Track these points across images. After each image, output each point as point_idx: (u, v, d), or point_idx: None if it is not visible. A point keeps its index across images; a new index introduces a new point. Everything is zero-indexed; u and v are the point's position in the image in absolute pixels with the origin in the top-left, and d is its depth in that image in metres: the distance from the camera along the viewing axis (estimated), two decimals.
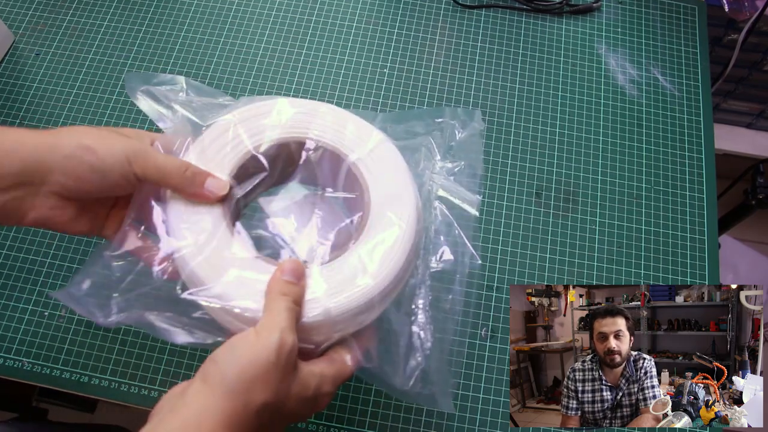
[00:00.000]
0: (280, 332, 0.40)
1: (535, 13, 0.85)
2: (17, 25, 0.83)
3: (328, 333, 0.45)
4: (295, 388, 0.42)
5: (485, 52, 0.82)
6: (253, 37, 0.82)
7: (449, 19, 0.84)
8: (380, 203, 0.49)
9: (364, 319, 0.46)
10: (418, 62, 0.81)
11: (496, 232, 0.70)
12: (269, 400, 0.40)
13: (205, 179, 0.47)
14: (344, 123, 0.52)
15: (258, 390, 0.39)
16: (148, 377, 0.62)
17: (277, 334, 0.40)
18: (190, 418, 0.38)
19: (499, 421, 0.61)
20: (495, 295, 0.67)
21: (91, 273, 0.48)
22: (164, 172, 0.46)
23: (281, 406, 0.41)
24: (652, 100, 0.79)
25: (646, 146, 0.76)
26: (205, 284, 0.44)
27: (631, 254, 0.70)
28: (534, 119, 0.77)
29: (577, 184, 0.73)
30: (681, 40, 0.83)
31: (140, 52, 0.81)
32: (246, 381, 0.39)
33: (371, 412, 0.61)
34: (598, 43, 0.83)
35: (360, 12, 0.84)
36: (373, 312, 0.47)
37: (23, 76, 0.79)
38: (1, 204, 0.45)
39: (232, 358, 0.40)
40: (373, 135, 0.52)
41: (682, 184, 0.74)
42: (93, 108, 0.77)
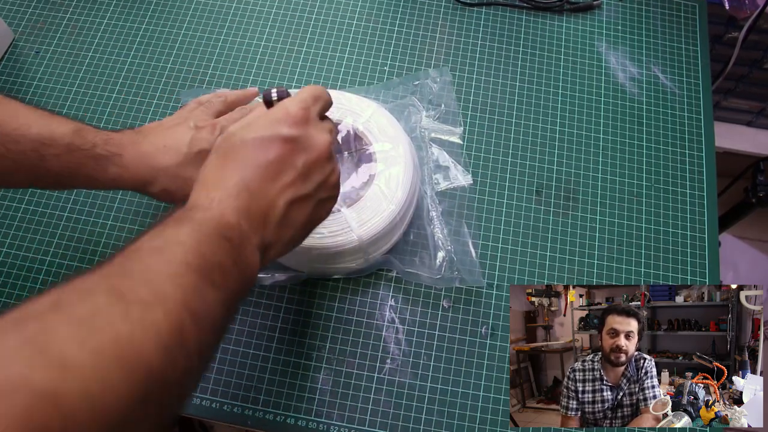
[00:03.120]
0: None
1: (536, 11, 0.85)
2: (17, 23, 0.83)
3: (368, 254, 0.63)
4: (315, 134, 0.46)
5: (485, 50, 0.81)
6: (253, 34, 0.82)
7: (449, 17, 0.84)
8: (383, 150, 0.65)
9: (392, 237, 0.65)
10: (418, 59, 0.80)
11: (496, 230, 0.70)
12: (293, 134, 0.44)
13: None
14: (347, 101, 0.67)
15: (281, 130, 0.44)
16: None
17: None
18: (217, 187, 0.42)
19: (499, 419, 0.61)
20: (495, 293, 0.67)
21: None
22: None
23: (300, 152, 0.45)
24: (653, 98, 0.79)
25: (646, 144, 0.76)
26: None
27: (631, 252, 0.70)
28: (534, 117, 0.77)
29: (578, 182, 0.73)
30: (681, 38, 0.83)
31: (140, 50, 0.81)
32: (269, 123, 0.45)
33: (382, 412, 0.62)
34: (599, 41, 0.83)
35: (360, 10, 0.84)
36: (397, 230, 0.65)
37: (23, 75, 0.79)
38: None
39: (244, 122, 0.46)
40: (369, 105, 0.68)
41: (683, 182, 0.74)
42: (93, 106, 0.77)
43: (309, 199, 0.46)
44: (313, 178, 0.45)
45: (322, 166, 0.46)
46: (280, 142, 0.44)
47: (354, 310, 0.66)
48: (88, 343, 0.28)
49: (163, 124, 0.60)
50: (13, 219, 0.70)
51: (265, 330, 0.65)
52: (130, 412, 0.28)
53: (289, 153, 0.44)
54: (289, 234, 0.45)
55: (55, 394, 0.25)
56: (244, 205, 0.41)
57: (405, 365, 0.63)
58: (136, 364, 0.29)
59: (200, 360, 0.35)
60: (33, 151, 0.52)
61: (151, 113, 0.76)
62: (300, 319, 0.65)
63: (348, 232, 0.60)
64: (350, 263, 0.64)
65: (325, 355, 0.64)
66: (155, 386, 0.30)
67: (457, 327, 0.65)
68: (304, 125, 0.45)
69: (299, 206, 0.45)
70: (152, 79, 0.79)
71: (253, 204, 0.42)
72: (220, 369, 0.63)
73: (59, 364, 0.26)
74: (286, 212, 0.44)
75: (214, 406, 0.62)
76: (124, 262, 0.34)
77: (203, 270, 0.36)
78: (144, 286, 0.32)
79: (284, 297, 0.66)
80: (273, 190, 0.43)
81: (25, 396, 0.24)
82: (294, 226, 0.45)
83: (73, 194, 0.72)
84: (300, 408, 0.62)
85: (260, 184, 0.43)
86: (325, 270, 0.65)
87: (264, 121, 0.45)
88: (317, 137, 0.46)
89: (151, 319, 0.31)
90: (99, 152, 0.54)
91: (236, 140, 0.44)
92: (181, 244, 0.36)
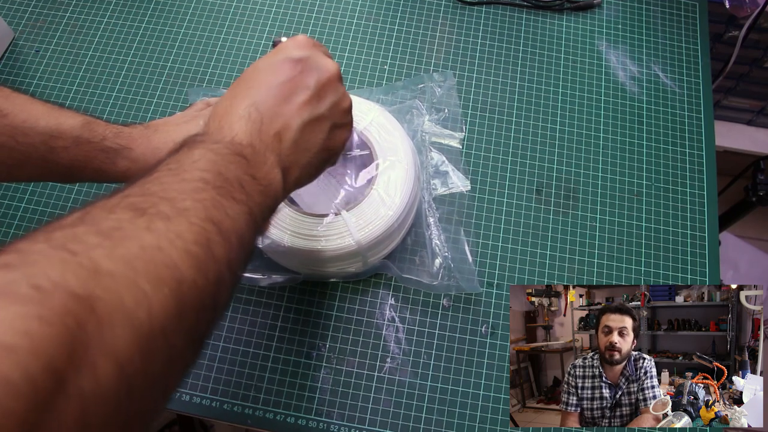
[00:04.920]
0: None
1: (536, 9, 0.85)
2: (17, 22, 0.83)
3: (366, 259, 0.63)
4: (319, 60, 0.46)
5: (486, 49, 0.81)
6: (253, 32, 0.82)
7: (450, 16, 0.84)
8: (384, 154, 0.65)
9: (390, 242, 0.65)
10: (418, 59, 0.80)
11: (497, 229, 0.70)
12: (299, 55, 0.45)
13: None
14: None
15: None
16: None
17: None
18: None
19: (499, 418, 0.61)
20: (495, 292, 0.67)
21: None
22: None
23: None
24: (653, 97, 0.79)
25: (646, 143, 0.76)
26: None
27: (631, 251, 0.70)
28: (534, 116, 0.77)
29: (578, 181, 0.73)
30: (682, 37, 0.83)
31: (141, 49, 0.81)
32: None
33: (382, 411, 0.62)
34: (599, 40, 0.83)
35: (360, 8, 0.84)
36: (396, 236, 0.65)
37: (23, 73, 0.79)
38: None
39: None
40: (372, 107, 0.68)
41: (683, 181, 0.74)
42: (92, 105, 0.77)
43: (323, 121, 0.46)
44: (327, 99, 0.45)
45: (336, 86, 0.46)
46: (291, 63, 0.44)
47: (354, 309, 0.66)
48: (116, 252, 0.27)
49: (172, 120, 0.60)
50: (13, 218, 0.70)
51: (265, 329, 0.65)
52: (166, 323, 0.28)
53: (301, 73, 0.44)
54: (306, 158, 0.45)
55: (90, 298, 0.25)
56: (255, 127, 0.41)
57: (405, 364, 0.63)
58: (166, 273, 0.29)
59: (230, 272, 0.34)
60: (42, 143, 0.52)
61: (152, 112, 0.76)
62: (300, 318, 0.65)
63: (347, 236, 0.60)
64: (348, 267, 0.64)
65: (325, 354, 0.64)
66: (188, 297, 0.30)
67: (457, 326, 0.65)
68: (310, 49, 0.46)
69: (314, 127, 0.45)
70: (152, 78, 0.79)
71: (266, 124, 0.42)
72: (220, 368, 0.63)
73: (92, 269, 0.26)
74: (301, 133, 0.44)
75: (214, 405, 0.62)
76: (143, 184, 0.34)
77: (221, 186, 0.36)
78: (165, 203, 0.32)
79: (284, 296, 0.66)
80: (286, 110, 0.43)
81: (62, 296, 0.24)
82: (310, 149, 0.45)
83: (73, 191, 0.72)
84: (300, 407, 0.62)
85: (273, 105, 0.43)
86: (322, 273, 0.65)
87: (273, 52, 0.46)
88: (326, 60, 0.46)
89: (175, 230, 0.31)
90: (109, 145, 0.55)
91: (247, 71, 0.45)
92: (196, 163, 0.36)
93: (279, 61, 0.44)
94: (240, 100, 0.43)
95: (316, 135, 0.45)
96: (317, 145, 0.46)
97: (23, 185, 0.72)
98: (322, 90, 0.45)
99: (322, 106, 0.45)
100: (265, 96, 0.43)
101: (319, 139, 0.46)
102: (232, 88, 0.45)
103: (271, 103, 0.43)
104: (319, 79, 0.45)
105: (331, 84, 0.46)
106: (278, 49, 0.46)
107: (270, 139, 0.42)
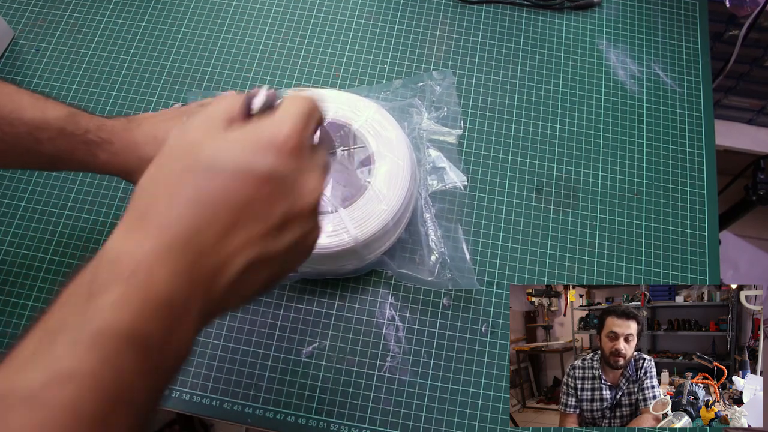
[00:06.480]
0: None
1: (536, 8, 0.85)
2: (17, 21, 0.83)
3: (363, 256, 0.63)
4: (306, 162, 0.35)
5: (485, 48, 0.81)
6: (253, 32, 0.82)
7: (449, 15, 0.84)
8: (381, 151, 0.65)
9: (387, 239, 0.65)
10: (418, 57, 0.80)
11: (497, 229, 0.70)
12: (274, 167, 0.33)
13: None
14: (347, 101, 0.67)
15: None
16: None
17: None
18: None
19: (499, 417, 0.61)
20: (495, 291, 0.67)
21: None
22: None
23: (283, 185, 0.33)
24: (653, 96, 0.79)
25: (646, 142, 0.76)
26: None
27: (631, 250, 0.70)
28: (534, 115, 0.77)
29: (578, 180, 0.73)
30: (682, 36, 0.83)
31: (140, 48, 0.81)
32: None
33: (382, 410, 0.62)
34: (599, 39, 0.83)
35: (360, 7, 0.84)
36: (393, 232, 0.65)
37: (23, 72, 0.79)
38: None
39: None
40: (369, 105, 0.68)
41: (683, 180, 0.74)
42: (92, 104, 0.77)
43: (275, 261, 0.34)
44: (288, 235, 0.34)
45: (305, 221, 0.35)
46: (260, 178, 0.32)
47: (354, 308, 0.66)
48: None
49: (158, 115, 0.60)
50: (13, 216, 0.70)
51: (265, 328, 0.65)
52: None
53: (267, 197, 0.32)
54: (239, 301, 0.34)
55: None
56: (185, 266, 0.30)
57: (405, 363, 0.63)
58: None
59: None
60: (28, 134, 0.52)
61: (152, 111, 0.76)
62: (300, 317, 0.65)
63: (344, 233, 0.60)
64: (345, 264, 0.64)
65: (326, 353, 0.64)
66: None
67: (457, 325, 0.65)
68: (296, 159, 0.33)
69: (261, 268, 0.34)
70: (152, 77, 0.79)
71: (201, 261, 0.30)
72: (220, 367, 0.63)
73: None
74: (241, 275, 0.32)
75: (214, 404, 0.62)
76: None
77: (103, 413, 0.26)
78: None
79: (284, 294, 0.66)
80: (232, 243, 0.31)
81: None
82: (246, 293, 0.34)
83: (73, 191, 0.72)
84: (300, 406, 0.62)
85: (216, 233, 0.31)
86: (319, 270, 0.65)
87: (246, 141, 0.33)
88: (308, 181, 0.34)
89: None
90: (91, 138, 0.55)
91: (202, 156, 0.32)
92: (70, 381, 0.25)
93: (246, 169, 0.32)
94: (177, 205, 0.31)
95: (261, 276, 0.34)
96: (258, 286, 0.35)
97: (24, 179, 0.72)
98: (286, 224, 0.34)
99: (280, 243, 0.34)
100: (211, 216, 0.31)
101: (263, 279, 0.34)
102: (175, 171, 0.32)
103: (216, 229, 0.31)
104: (288, 210, 0.34)
105: (301, 217, 0.35)
106: (255, 143, 0.33)
107: (200, 283, 0.31)
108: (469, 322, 0.65)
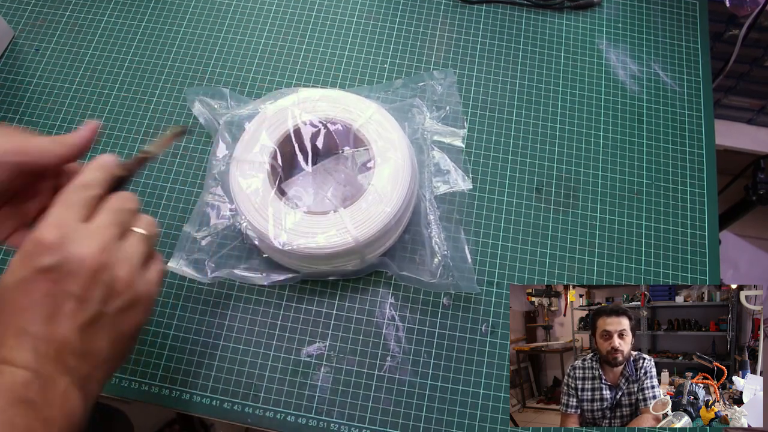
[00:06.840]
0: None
1: (536, 8, 0.85)
2: (17, 20, 0.83)
3: (363, 256, 0.63)
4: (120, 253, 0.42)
5: (486, 48, 0.81)
6: (253, 32, 0.82)
7: (450, 14, 0.84)
8: (382, 151, 0.65)
9: (388, 239, 0.65)
10: (418, 57, 0.80)
11: (497, 228, 0.70)
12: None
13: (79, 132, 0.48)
14: (347, 101, 0.68)
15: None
16: (148, 372, 0.63)
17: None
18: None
19: (499, 417, 0.61)
20: (495, 291, 0.67)
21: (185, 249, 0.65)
22: (43, 147, 0.46)
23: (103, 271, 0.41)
24: (653, 96, 0.79)
25: (646, 142, 0.76)
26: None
27: (631, 250, 0.70)
28: (534, 115, 0.77)
29: (578, 180, 0.73)
30: (682, 36, 0.83)
31: (141, 48, 0.81)
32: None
33: (382, 409, 0.62)
34: (599, 39, 0.83)
35: (360, 7, 0.84)
36: (393, 233, 0.65)
37: (23, 72, 0.79)
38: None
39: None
40: (369, 105, 0.68)
41: (683, 180, 0.74)
42: (92, 104, 0.77)
43: (102, 317, 0.41)
44: (94, 296, 0.40)
45: (97, 277, 0.41)
46: (41, 278, 0.39)
47: (354, 307, 0.66)
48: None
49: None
50: None
51: (265, 328, 0.65)
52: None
53: (56, 283, 0.39)
54: (102, 356, 0.41)
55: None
56: (31, 356, 0.38)
57: (405, 363, 0.63)
58: None
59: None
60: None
61: (152, 111, 0.76)
62: (300, 317, 0.65)
63: (344, 234, 0.60)
64: (346, 264, 0.64)
65: (325, 352, 0.64)
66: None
67: (457, 325, 0.65)
68: (62, 245, 0.40)
69: (95, 329, 0.41)
70: (152, 77, 0.79)
71: (42, 349, 0.38)
72: (220, 367, 0.63)
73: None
74: (82, 341, 0.40)
75: (214, 403, 0.62)
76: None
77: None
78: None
79: (284, 294, 0.66)
80: (58, 327, 0.39)
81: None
82: (100, 351, 0.41)
83: None
84: (300, 405, 0.62)
85: (40, 327, 0.38)
86: (321, 271, 0.65)
87: (18, 259, 0.40)
88: (81, 250, 0.40)
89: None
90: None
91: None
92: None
93: (28, 278, 0.39)
94: (4, 325, 0.39)
95: (102, 334, 0.41)
96: (108, 341, 0.42)
97: None
98: (86, 290, 0.40)
99: (91, 306, 0.40)
100: (29, 319, 0.39)
101: (107, 335, 0.42)
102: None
103: (39, 325, 0.39)
104: (80, 282, 0.40)
105: (92, 278, 0.40)
106: (24, 257, 0.40)
107: (53, 364, 0.38)
108: (469, 321, 0.65)
